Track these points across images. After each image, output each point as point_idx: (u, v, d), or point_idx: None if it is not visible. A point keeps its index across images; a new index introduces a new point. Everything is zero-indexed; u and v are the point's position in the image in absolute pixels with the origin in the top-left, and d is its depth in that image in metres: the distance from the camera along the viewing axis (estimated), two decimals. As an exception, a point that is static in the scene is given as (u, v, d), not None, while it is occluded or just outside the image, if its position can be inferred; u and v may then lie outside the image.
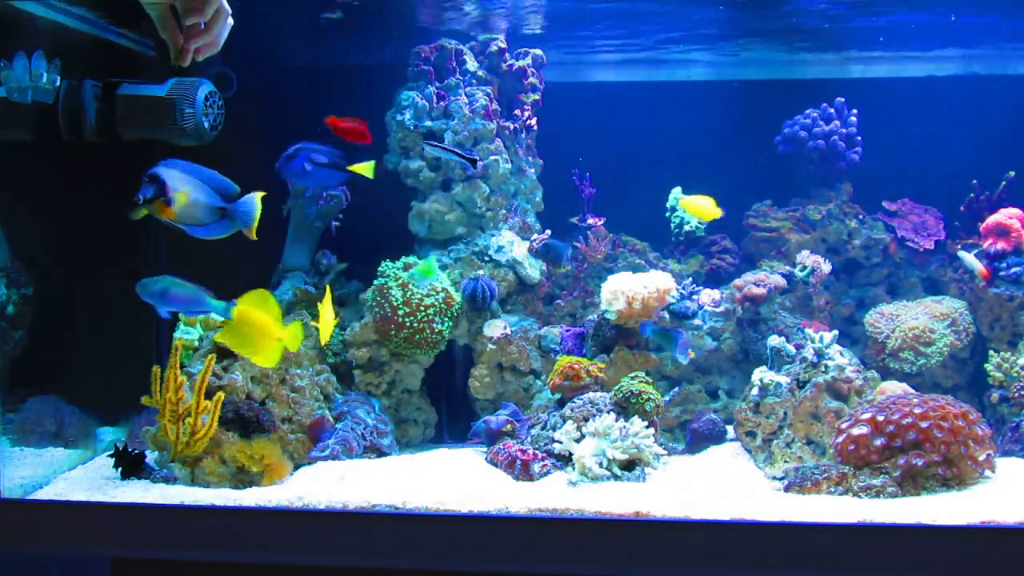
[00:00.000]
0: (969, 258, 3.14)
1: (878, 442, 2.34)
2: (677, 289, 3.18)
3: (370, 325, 3.07)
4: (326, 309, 2.59)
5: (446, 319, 3.06)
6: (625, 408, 2.67)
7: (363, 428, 2.84)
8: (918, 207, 3.53)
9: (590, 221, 3.52)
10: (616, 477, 2.46)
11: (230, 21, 1.41)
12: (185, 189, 2.33)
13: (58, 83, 2.63)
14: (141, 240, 3.24)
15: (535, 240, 3.34)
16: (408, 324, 2.99)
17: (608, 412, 2.63)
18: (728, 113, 3.53)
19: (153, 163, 2.35)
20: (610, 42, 3.54)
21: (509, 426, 2.80)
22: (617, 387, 2.72)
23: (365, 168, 2.65)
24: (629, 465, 2.50)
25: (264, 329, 2.36)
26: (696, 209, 3.20)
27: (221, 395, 2.46)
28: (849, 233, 3.49)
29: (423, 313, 3.01)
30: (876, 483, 2.27)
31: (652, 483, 2.47)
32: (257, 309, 2.36)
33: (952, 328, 3.17)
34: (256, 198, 2.38)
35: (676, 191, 3.58)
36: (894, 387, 2.81)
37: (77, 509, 2.24)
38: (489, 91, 3.31)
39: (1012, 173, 3.27)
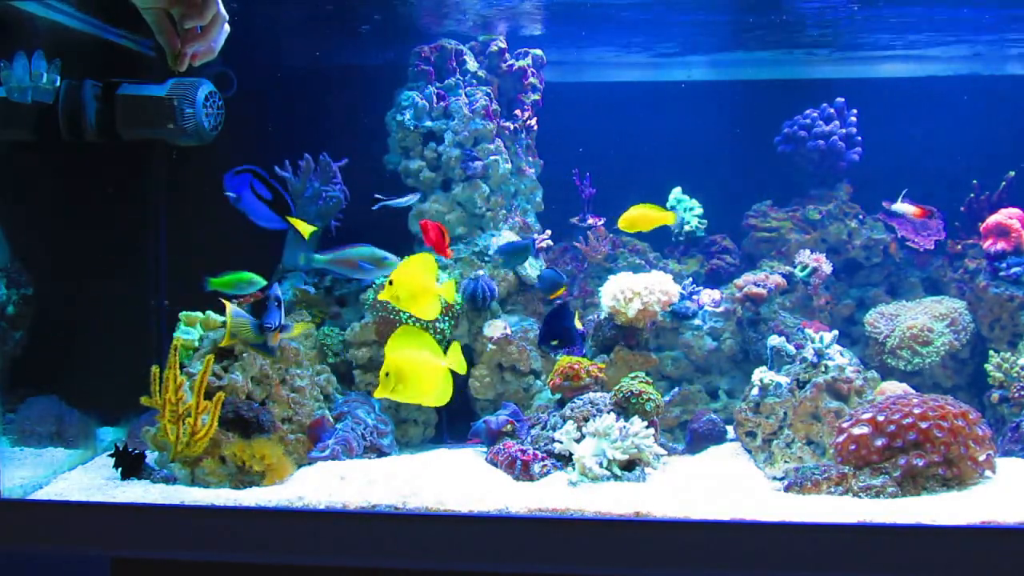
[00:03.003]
0: (901, 206, 3.18)
1: (879, 442, 2.34)
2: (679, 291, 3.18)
3: (370, 325, 3.07)
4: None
5: (447, 319, 3.06)
6: (625, 408, 2.66)
7: (363, 428, 2.84)
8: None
9: (590, 221, 3.52)
10: (616, 477, 2.45)
11: (227, 27, 1.41)
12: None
13: (58, 83, 2.63)
14: (141, 240, 3.24)
15: (535, 240, 3.34)
16: (408, 325, 2.99)
17: (608, 412, 2.62)
18: (728, 113, 3.53)
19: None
20: (610, 44, 3.55)
21: (509, 426, 2.80)
22: (617, 387, 2.72)
23: (304, 228, 2.57)
24: (629, 465, 2.50)
25: (428, 367, 2.25)
26: (640, 220, 2.93)
27: (221, 395, 2.46)
28: (849, 233, 3.49)
29: (423, 313, 3.01)
30: (876, 483, 2.27)
31: (652, 483, 2.47)
32: (408, 353, 2.26)
33: (951, 328, 3.17)
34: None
35: (676, 191, 3.58)
36: (894, 387, 2.81)
37: (77, 509, 2.24)
38: (489, 91, 3.32)
39: (1012, 173, 3.27)
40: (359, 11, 3.12)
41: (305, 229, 2.47)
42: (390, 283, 2.32)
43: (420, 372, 2.17)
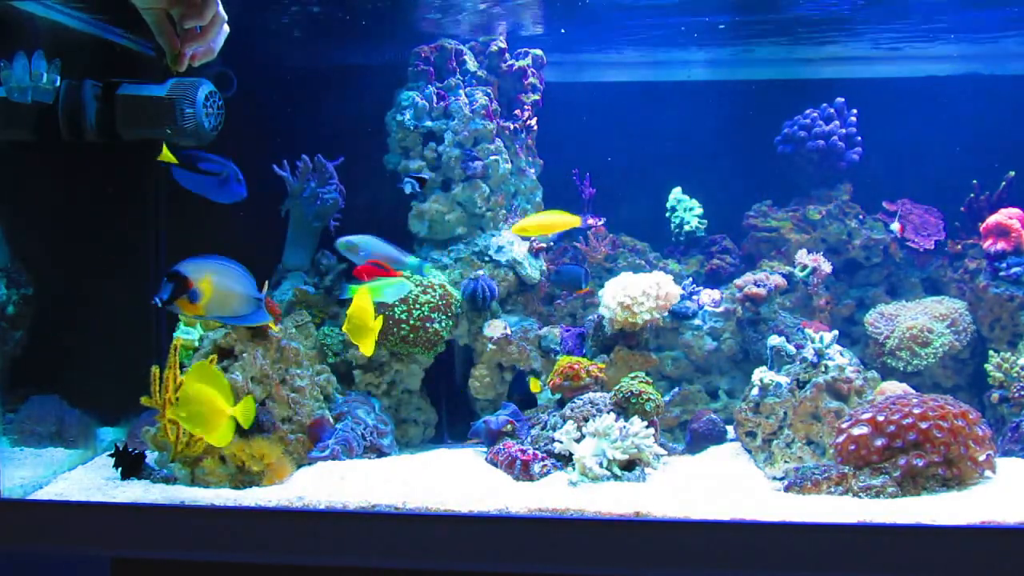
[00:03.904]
0: (895, 226, 3.25)
1: (878, 442, 2.34)
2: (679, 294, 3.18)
3: (370, 325, 3.07)
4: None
5: (444, 318, 3.06)
6: (625, 408, 2.66)
7: (363, 428, 2.84)
8: (918, 207, 3.53)
9: (590, 221, 3.52)
10: (616, 477, 2.46)
11: (226, 28, 1.42)
12: (207, 277, 2.26)
13: (58, 83, 2.63)
14: (141, 240, 3.24)
15: (535, 240, 3.34)
16: (404, 321, 2.99)
17: (608, 412, 2.63)
18: (728, 113, 3.53)
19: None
20: (609, 44, 3.55)
21: (509, 426, 2.80)
22: (617, 387, 2.72)
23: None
24: (629, 465, 2.50)
25: (214, 406, 2.24)
26: (542, 226, 2.98)
27: (221, 395, 2.46)
28: (849, 233, 3.49)
29: (419, 310, 3.01)
30: (876, 483, 2.27)
31: (652, 483, 2.47)
32: (205, 386, 2.25)
33: (951, 328, 3.17)
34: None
35: (676, 191, 3.58)
36: (894, 387, 2.80)
37: (77, 509, 2.24)
38: (489, 91, 3.32)
39: (1012, 173, 3.27)
40: (359, 11, 3.12)
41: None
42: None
43: (205, 410, 2.23)
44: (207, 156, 2.58)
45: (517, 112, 3.40)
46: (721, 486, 2.45)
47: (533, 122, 3.43)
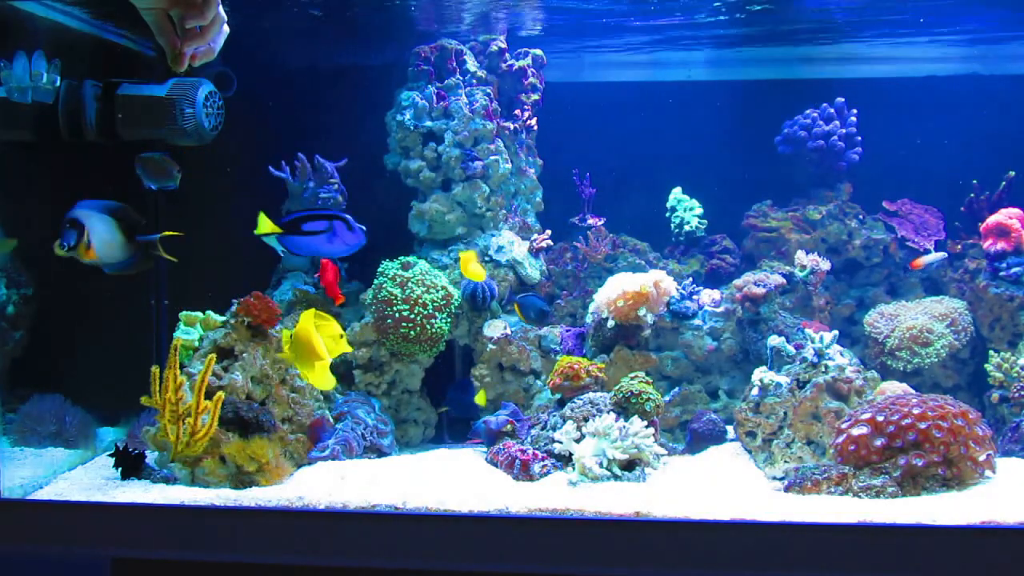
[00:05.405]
0: (935, 256, 3.28)
1: (878, 442, 2.34)
2: (677, 289, 3.18)
3: (370, 325, 3.07)
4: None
5: (444, 316, 3.06)
6: (625, 408, 2.66)
7: (363, 428, 2.84)
8: (918, 207, 3.53)
9: (590, 221, 3.52)
10: (616, 477, 2.45)
11: (226, 28, 1.42)
12: (100, 230, 2.49)
13: (58, 83, 2.63)
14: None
15: (535, 240, 3.34)
16: (406, 319, 2.99)
17: (608, 412, 2.62)
18: (728, 113, 3.53)
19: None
20: (610, 43, 3.55)
21: (509, 426, 2.80)
22: (617, 387, 2.72)
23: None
24: (629, 465, 2.50)
25: (317, 353, 2.39)
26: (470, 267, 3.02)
27: (221, 395, 2.45)
28: (849, 233, 3.49)
29: (421, 308, 3.01)
30: (876, 483, 2.27)
31: (652, 483, 2.47)
32: (314, 331, 2.39)
33: (951, 328, 3.17)
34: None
35: (676, 191, 3.58)
36: (894, 387, 2.80)
37: (77, 509, 2.24)
38: (489, 91, 3.32)
39: (1012, 173, 3.27)
40: (359, 11, 3.12)
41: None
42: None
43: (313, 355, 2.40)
44: (309, 212, 2.67)
45: (517, 112, 3.40)
46: (721, 486, 2.45)
47: (533, 122, 3.43)
